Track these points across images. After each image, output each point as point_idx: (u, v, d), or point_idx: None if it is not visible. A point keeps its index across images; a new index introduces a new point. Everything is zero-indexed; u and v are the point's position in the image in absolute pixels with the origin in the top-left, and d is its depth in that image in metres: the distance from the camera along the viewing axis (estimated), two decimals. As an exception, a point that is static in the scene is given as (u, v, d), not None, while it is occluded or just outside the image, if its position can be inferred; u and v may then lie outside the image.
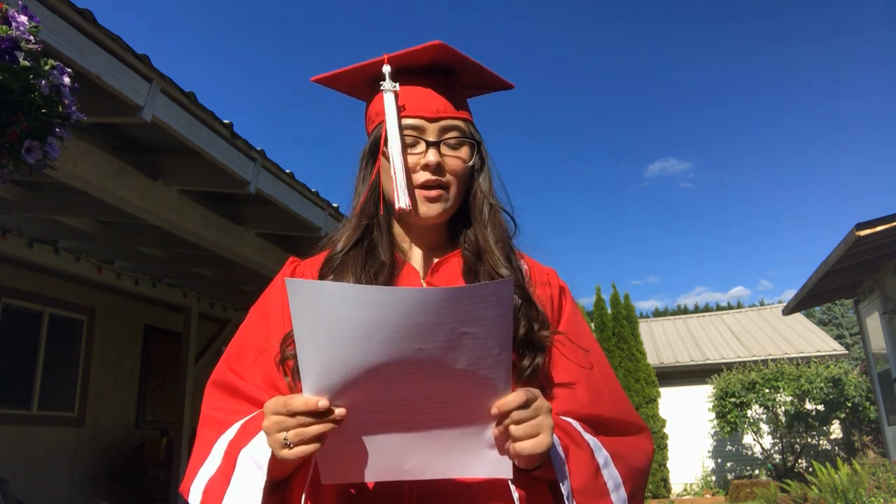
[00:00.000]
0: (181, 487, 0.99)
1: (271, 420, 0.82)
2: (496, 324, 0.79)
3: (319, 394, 0.81)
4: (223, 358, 1.08)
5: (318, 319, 0.78)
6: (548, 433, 0.83)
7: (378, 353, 0.78)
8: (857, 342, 26.56)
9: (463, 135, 1.08)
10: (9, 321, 6.47)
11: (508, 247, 1.09)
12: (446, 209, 1.06)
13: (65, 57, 2.70)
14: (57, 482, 6.80)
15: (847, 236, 7.24)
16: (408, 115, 1.06)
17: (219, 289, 7.66)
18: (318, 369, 0.80)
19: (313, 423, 0.80)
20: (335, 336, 0.78)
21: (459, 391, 0.82)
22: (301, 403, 0.80)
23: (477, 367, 0.80)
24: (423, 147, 1.05)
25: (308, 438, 0.80)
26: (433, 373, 0.80)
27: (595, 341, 1.13)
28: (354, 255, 1.06)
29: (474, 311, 0.78)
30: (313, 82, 1.15)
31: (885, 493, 6.62)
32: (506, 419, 0.82)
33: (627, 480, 0.98)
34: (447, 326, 0.78)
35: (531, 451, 0.82)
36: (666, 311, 43.52)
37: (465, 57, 1.08)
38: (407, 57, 1.07)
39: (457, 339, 0.79)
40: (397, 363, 0.79)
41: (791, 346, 14.64)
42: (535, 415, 0.83)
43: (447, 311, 0.77)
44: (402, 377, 0.80)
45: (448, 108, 1.07)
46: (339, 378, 0.80)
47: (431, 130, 1.06)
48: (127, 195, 3.95)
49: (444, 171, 1.05)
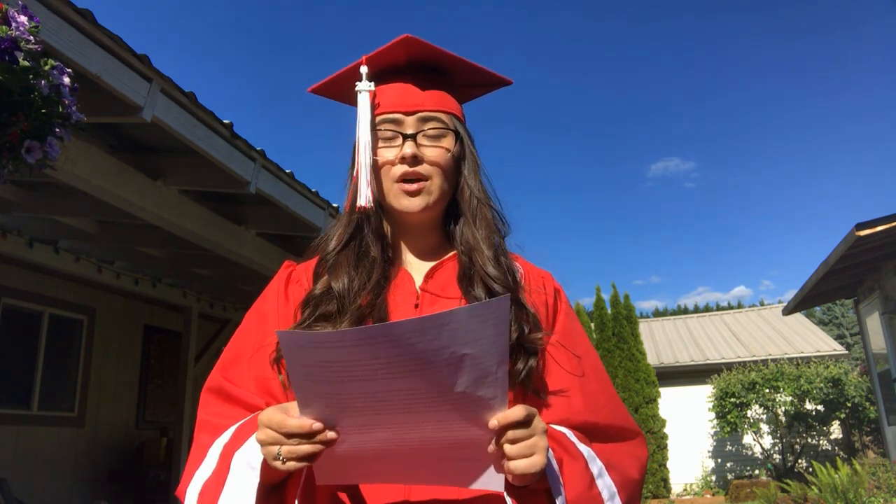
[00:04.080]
0: (177, 491, 0.99)
1: (265, 434, 0.82)
2: (494, 342, 0.78)
3: (315, 415, 0.81)
4: (218, 364, 1.08)
5: (315, 366, 0.77)
6: (542, 454, 0.83)
7: (378, 385, 0.78)
8: (857, 342, 26.55)
9: (444, 126, 1.07)
10: (9, 321, 6.47)
11: (497, 244, 1.08)
12: (429, 203, 1.05)
13: (65, 57, 2.70)
14: (57, 482, 6.80)
15: (847, 236, 7.24)
16: (385, 111, 1.06)
17: (219, 289, 7.66)
18: (317, 401, 0.80)
19: (306, 443, 0.81)
20: (334, 377, 0.78)
21: (457, 411, 0.81)
22: (295, 425, 0.80)
23: (476, 388, 0.80)
24: (401, 140, 1.04)
25: (300, 456, 0.81)
26: (431, 396, 0.80)
27: (590, 345, 1.13)
28: (347, 253, 1.06)
29: (473, 332, 0.77)
30: (310, 92, 1.16)
31: (885, 493, 6.62)
32: (502, 437, 0.82)
33: (622, 489, 0.98)
34: (447, 350, 0.77)
35: (525, 471, 0.82)
36: (665, 311, 43.54)
37: (440, 50, 1.08)
38: (383, 56, 1.07)
39: (457, 361, 0.78)
40: (397, 389, 0.79)
41: (791, 346, 14.64)
42: (531, 434, 0.83)
43: (446, 335, 0.76)
44: (401, 400, 0.80)
45: (427, 103, 1.07)
46: (338, 409, 0.80)
47: (409, 123, 1.05)
48: (127, 195, 3.95)
49: (422, 162, 1.04)
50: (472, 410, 0.81)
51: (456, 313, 0.76)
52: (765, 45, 77.04)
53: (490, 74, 1.15)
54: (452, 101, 1.11)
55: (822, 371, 12.06)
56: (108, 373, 7.66)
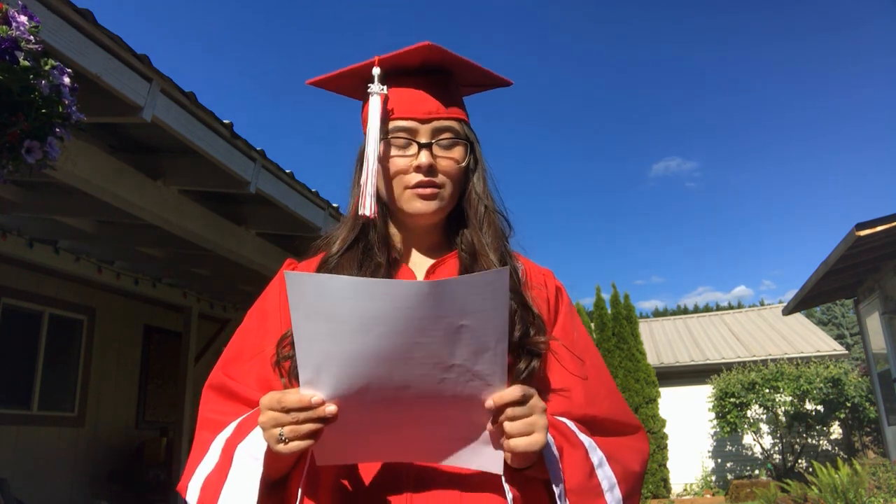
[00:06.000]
0: (178, 486, 0.99)
1: (266, 416, 0.82)
2: (492, 315, 0.79)
3: (315, 388, 0.81)
4: (219, 362, 1.08)
5: (317, 313, 0.79)
6: (542, 432, 0.84)
7: (375, 346, 0.79)
8: (857, 342, 26.55)
9: (456, 135, 1.07)
10: (9, 321, 6.47)
11: (503, 249, 1.08)
12: (441, 207, 1.06)
13: (65, 57, 2.70)
14: (57, 482, 6.80)
15: (847, 236, 7.24)
16: (399, 117, 1.05)
17: (219, 289, 7.66)
18: (315, 362, 0.80)
19: (307, 419, 0.81)
20: (333, 329, 0.79)
21: (455, 386, 0.82)
22: (295, 400, 0.80)
23: (473, 362, 0.81)
24: (416, 149, 1.04)
25: (303, 435, 0.81)
26: (430, 367, 0.80)
27: (591, 342, 1.14)
28: (350, 256, 1.06)
29: (471, 303, 0.78)
30: (308, 85, 1.14)
31: (885, 493, 6.61)
32: (501, 415, 0.83)
33: (623, 481, 0.98)
34: (445, 319, 0.78)
35: (525, 449, 0.83)
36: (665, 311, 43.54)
37: (457, 56, 1.07)
38: (397, 58, 1.06)
39: (454, 332, 0.79)
40: (394, 357, 0.80)
41: (791, 346, 14.64)
42: (529, 412, 0.83)
43: (445, 304, 0.77)
44: (399, 371, 0.81)
45: (440, 109, 1.06)
46: (336, 371, 0.80)
47: (424, 132, 1.04)
48: (127, 195, 3.95)
49: (437, 173, 1.04)
50: (471, 387, 0.82)
51: (455, 282, 0.78)
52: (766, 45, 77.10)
53: (493, 76, 1.16)
54: (462, 106, 1.11)
55: (822, 371, 12.06)
56: (108, 373, 7.66)
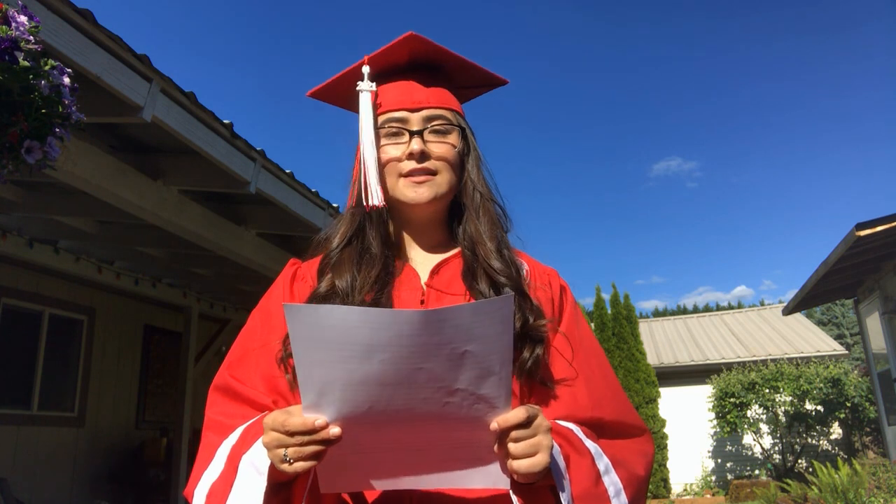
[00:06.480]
0: (185, 491, 1.00)
1: (270, 436, 0.82)
2: (497, 339, 0.78)
3: (318, 411, 0.80)
4: (225, 362, 1.08)
5: (317, 342, 0.77)
6: (546, 453, 0.84)
7: (378, 372, 0.78)
8: (857, 342, 26.54)
9: (449, 122, 1.07)
10: (9, 321, 6.47)
11: (500, 238, 1.09)
12: (437, 195, 1.05)
13: (65, 57, 2.70)
14: (57, 482, 6.80)
15: (847, 236, 7.24)
16: (390, 109, 1.06)
17: (219, 289, 7.65)
18: (317, 387, 0.80)
19: (311, 441, 0.80)
20: (335, 357, 0.77)
21: (460, 409, 0.81)
22: (299, 424, 0.80)
23: (478, 386, 0.80)
24: (407, 137, 1.05)
25: (306, 456, 0.81)
26: (433, 391, 0.79)
27: (596, 342, 1.13)
28: (349, 251, 1.06)
29: (476, 329, 0.76)
30: (309, 97, 1.15)
31: (885, 493, 6.61)
32: (505, 437, 0.82)
33: (628, 486, 0.98)
34: (449, 346, 0.77)
35: (528, 470, 0.82)
36: (665, 311, 43.53)
37: (442, 48, 1.08)
38: (386, 55, 1.07)
39: (458, 357, 0.78)
40: (397, 382, 0.78)
41: (791, 346, 14.63)
42: (533, 434, 0.83)
43: (448, 331, 0.76)
44: (402, 395, 0.79)
45: (430, 99, 1.07)
46: (339, 395, 0.79)
47: (415, 120, 1.06)
48: (127, 195, 3.95)
49: (430, 158, 1.04)
50: (476, 410, 0.81)
51: (460, 310, 0.76)
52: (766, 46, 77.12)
53: (488, 74, 1.16)
54: (454, 98, 1.12)
55: (822, 371, 12.06)
56: (108, 373, 7.66)
